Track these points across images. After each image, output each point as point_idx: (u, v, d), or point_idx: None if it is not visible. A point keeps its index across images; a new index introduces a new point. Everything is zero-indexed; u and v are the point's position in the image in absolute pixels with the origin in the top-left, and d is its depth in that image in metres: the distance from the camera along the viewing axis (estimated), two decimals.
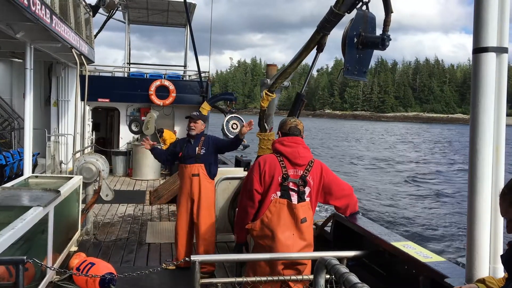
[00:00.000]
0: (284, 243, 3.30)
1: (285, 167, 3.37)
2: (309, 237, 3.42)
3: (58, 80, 12.75)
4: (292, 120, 3.59)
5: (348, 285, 1.96)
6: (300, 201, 3.35)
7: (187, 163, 5.43)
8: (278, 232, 3.31)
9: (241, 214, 3.56)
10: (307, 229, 3.39)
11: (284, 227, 3.32)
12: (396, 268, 3.13)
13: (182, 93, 14.27)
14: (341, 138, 54.16)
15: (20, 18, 6.34)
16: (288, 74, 5.12)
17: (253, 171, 3.45)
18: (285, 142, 3.45)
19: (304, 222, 3.35)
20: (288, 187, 3.35)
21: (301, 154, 3.40)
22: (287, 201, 3.34)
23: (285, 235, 3.31)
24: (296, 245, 3.33)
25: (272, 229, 3.33)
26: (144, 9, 16.05)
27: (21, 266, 2.66)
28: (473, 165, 2.33)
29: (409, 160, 32.54)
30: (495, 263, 2.33)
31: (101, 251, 6.40)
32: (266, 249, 3.37)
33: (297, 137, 3.49)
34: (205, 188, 5.39)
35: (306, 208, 3.38)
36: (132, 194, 10.84)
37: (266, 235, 3.37)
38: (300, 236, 3.35)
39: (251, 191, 3.42)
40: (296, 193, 3.36)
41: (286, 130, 3.54)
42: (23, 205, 4.37)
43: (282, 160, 3.40)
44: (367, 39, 4.10)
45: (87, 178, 6.84)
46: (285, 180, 3.35)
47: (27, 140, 7.64)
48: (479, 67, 2.32)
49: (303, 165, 3.40)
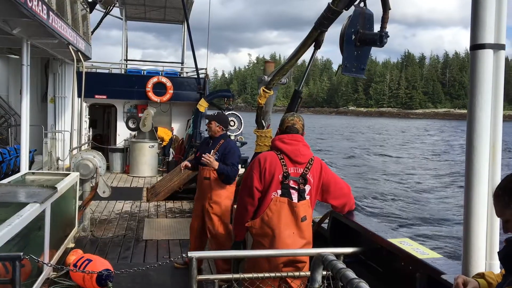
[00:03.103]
0: (284, 242, 3.28)
1: (285, 165, 3.33)
2: (308, 235, 3.41)
3: (55, 76, 12.71)
4: (290, 118, 3.53)
5: (345, 280, 1.96)
6: (301, 199, 3.33)
7: (201, 165, 5.25)
8: (278, 231, 3.29)
9: (241, 211, 3.52)
10: (307, 227, 3.38)
11: (284, 225, 3.29)
12: (393, 265, 3.14)
13: (180, 90, 14.25)
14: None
15: (17, 14, 6.30)
16: (286, 71, 5.10)
17: (253, 169, 3.40)
18: (286, 140, 3.41)
19: (304, 221, 3.32)
20: (289, 186, 3.32)
21: (301, 152, 3.37)
22: (287, 200, 3.31)
23: (286, 233, 3.29)
24: (296, 244, 3.31)
25: (272, 227, 3.31)
26: (142, 6, 15.99)
27: (17, 262, 2.66)
28: (469, 162, 2.34)
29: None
30: (492, 259, 2.34)
31: (98, 248, 6.40)
32: (266, 247, 3.34)
33: (297, 135, 3.45)
34: (216, 193, 5.18)
35: (306, 206, 3.36)
36: (129, 191, 10.84)
37: (266, 234, 3.34)
38: (300, 234, 3.33)
39: (251, 189, 3.37)
40: (296, 191, 3.33)
41: (283, 129, 3.51)
42: (20, 201, 4.35)
43: (283, 158, 3.35)
44: (365, 36, 4.09)
45: (84, 174, 6.82)
46: (286, 178, 3.31)
47: (23, 137, 7.62)
48: (476, 64, 2.32)
49: (303, 163, 3.37)
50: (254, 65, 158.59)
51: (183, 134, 14.67)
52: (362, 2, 4.11)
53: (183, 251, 6.24)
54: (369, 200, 17.24)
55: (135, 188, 11.31)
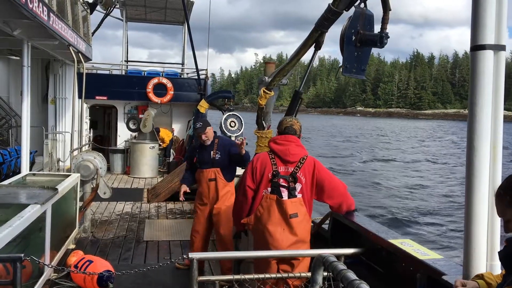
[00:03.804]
0: (275, 237, 3.41)
1: (275, 164, 3.50)
2: (300, 233, 3.47)
3: (56, 77, 12.73)
4: (289, 120, 3.70)
5: (346, 282, 1.96)
6: (291, 197, 3.45)
7: (203, 168, 5.26)
8: (269, 227, 3.44)
9: (237, 208, 3.75)
10: (298, 225, 3.45)
11: (274, 222, 3.43)
12: (394, 266, 3.13)
13: (180, 91, 14.25)
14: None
15: (18, 15, 6.31)
16: (286, 72, 5.10)
17: (247, 169, 3.63)
18: (278, 141, 3.58)
19: (294, 218, 3.42)
20: (279, 184, 3.47)
21: (291, 151, 3.50)
22: (276, 197, 3.45)
23: (276, 229, 3.42)
24: (286, 240, 3.41)
25: (263, 223, 3.46)
26: (142, 7, 16.00)
27: (18, 263, 2.66)
28: (470, 163, 2.34)
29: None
30: (492, 260, 2.34)
31: (99, 249, 6.40)
32: (260, 241, 3.50)
33: (290, 136, 3.59)
34: (223, 192, 5.23)
35: (298, 204, 3.46)
36: (130, 192, 10.84)
37: (259, 229, 3.50)
38: (291, 231, 3.43)
39: (244, 187, 3.58)
40: (286, 189, 3.46)
41: (282, 129, 3.65)
42: (21, 203, 4.36)
43: (273, 158, 3.53)
44: (365, 37, 4.09)
45: (84, 176, 6.83)
46: (275, 176, 3.47)
47: (24, 138, 7.62)
48: (476, 65, 2.32)
49: (293, 162, 3.50)
50: (261, 65, 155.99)
51: (184, 135, 14.67)
52: (362, 3, 4.11)
53: (184, 252, 6.24)
54: (369, 200, 17.24)
55: (136, 189, 11.30)
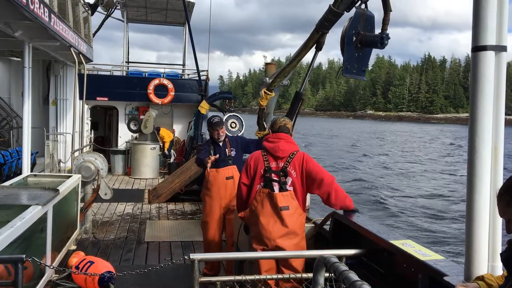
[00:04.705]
0: (267, 229, 3.60)
1: (267, 161, 3.74)
2: (291, 225, 3.61)
3: (57, 78, 12.73)
4: (282, 120, 3.95)
5: (348, 283, 1.95)
6: (282, 190, 3.65)
7: (219, 167, 5.16)
8: (261, 219, 3.64)
9: (237, 202, 4.04)
10: (289, 217, 3.60)
11: (266, 214, 3.64)
12: (395, 267, 3.13)
13: (181, 92, 14.27)
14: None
15: (19, 16, 6.32)
16: (287, 73, 5.10)
17: (244, 167, 3.92)
18: (270, 139, 3.83)
19: (284, 210, 3.60)
20: (271, 178, 3.68)
21: (281, 148, 3.72)
22: (268, 191, 3.67)
23: (268, 221, 3.62)
24: (278, 231, 3.58)
25: (257, 215, 3.67)
26: (143, 8, 16.02)
27: (20, 264, 2.66)
28: (472, 164, 2.34)
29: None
30: (494, 261, 2.34)
31: (100, 250, 6.40)
32: (255, 234, 3.70)
33: (281, 133, 3.81)
34: None
35: (289, 197, 3.64)
36: (131, 193, 10.84)
37: (254, 222, 3.71)
38: (281, 223, 3.60)
39: (240, 184, 3.89)
40: (278, 183, 3.67)
41: (275, 129, 3.86)
42: (22, 203, 4.36)
43: (266, 155, 3.77)
44: (365, 38, 4.09)
45: (85, 177, 6.83)
46: (267, 172, 3.71)
47: (25, 139, 7.63)
48: (477, 66, 2.32)
49: (283, 157, 3.71)
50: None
51: (185, 136, 14.68)
52: (363, 4, 4.11)
53: (185, 253, 6.25)
54: (370, 201, 17.24)
55: (137, 190, 11.31)
